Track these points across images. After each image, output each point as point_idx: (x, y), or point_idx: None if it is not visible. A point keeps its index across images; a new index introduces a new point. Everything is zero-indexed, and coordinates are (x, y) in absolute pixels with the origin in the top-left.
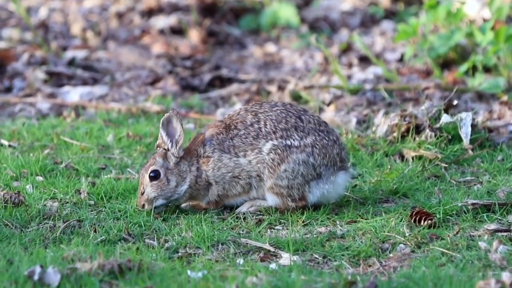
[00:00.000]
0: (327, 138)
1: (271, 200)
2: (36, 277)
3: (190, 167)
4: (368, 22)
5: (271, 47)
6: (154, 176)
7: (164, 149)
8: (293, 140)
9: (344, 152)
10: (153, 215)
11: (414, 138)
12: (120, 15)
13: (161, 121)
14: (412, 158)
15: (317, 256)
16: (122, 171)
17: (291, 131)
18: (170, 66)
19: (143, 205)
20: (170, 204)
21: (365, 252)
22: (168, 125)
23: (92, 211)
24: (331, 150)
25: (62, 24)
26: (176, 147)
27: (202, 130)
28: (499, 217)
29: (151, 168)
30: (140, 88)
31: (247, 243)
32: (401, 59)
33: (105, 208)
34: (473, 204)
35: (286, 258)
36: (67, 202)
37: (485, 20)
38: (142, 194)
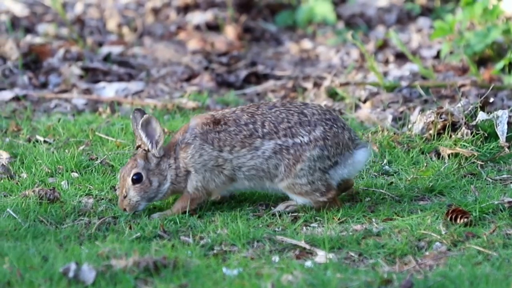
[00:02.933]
0: (336, 126)
1: (300, 200)
2: (71, 274)
3: (169, 160)
4: (404, 19)
5: (307, 44)
6: (137, 179)
7: (145, 150)
8: (302, 136)
9: (353, 133)
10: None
11: (450, 136)
12: (156, 11)
13: (140, 122)
14: (448, 156)
15: (352, 254)
16: None
17: (295, 128)
18: (206, 62)
19: (125, 209)
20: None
21: (401, 250)
22: (147, 126)
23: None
24: (343, 137)
25: (98, 20)
26: (156, 148)
27: (190, 120)
28: None
29: (134, 171)
30: (176, 84)
31: (283, 241)
32: (437, 56)
33: None
34: (509, 202)
35: (321, 255)
36: (102, 199)
37: None
38: (125, 197)
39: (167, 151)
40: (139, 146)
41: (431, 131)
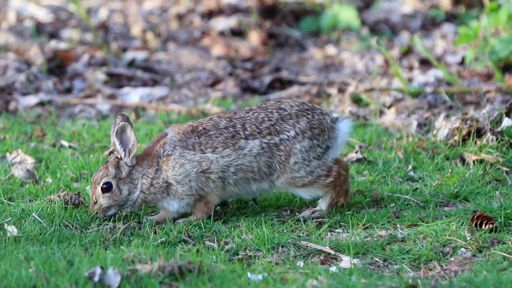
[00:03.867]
0: (316, 113)
1: (310, 194)
2: (96, 278)
3: (146, 170)
4: (429, 25)
5: (331, 50)
6: (107, 188)
7: (117, 157)
8: (287, 131)
9: (330, 114)
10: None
11: (475, 142)
12: (180, 17)
13: (115, 129)
14: (473, 162)
15: (377, 260)
16: None
17: (278, 124)
18: (230, 68)
19: (96, 213)
20: (123, 210)
21: (426, 256)
22: (122, 134)
23: (151, 212)
24: (326, 123)
25: (122, 25)
26: (129, 157)
27: (166, 130)
28: None
29: (104, 180)
30: (200, 90)
31: (308, 246)
32: (462, 62)
33: None
34: None
35: (346, 261)
36: None
37: None
38: (95, 203)
39: (146, 159)
40: (112, 152)
41: (456, 137)
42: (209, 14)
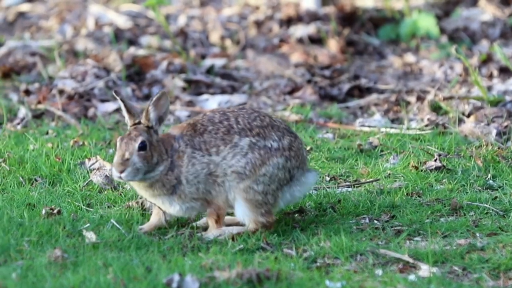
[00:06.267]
0: (298, 140)
1: (242, 211)
2: (174, 285)
3: (166, 154)
4: (508, 33)
5: (410, 57)
6: (142, 146)
7: (147, 126)
8: (272, 141)
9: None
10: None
11: None
12: (258, 24)
13: (151, 98)
14: None
15: (456, 268)
16: None
17: (268, 129)
18: (309, 75)
19: (122, 171)
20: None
21: (505, 265)
22: (157, 102)
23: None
24: (302, 152)
25: (201, 32)
26: (159, 124)
27: (168, 131)
28: None
29: (140, 138)
30: (279, 97)
31: (386, 254)
32: None
33: None
34: None
35: (425, 269)
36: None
37: None
38: (127, 160)
39: (165, 145)
40: (138, 123)
41: None
42: (288, 22)
